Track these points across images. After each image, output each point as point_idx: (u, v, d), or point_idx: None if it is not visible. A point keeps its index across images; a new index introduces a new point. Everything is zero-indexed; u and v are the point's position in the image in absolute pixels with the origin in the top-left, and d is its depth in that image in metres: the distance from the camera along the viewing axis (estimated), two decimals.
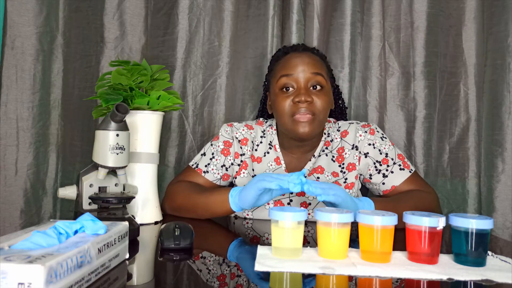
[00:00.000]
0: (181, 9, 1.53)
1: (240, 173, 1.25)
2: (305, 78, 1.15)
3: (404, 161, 1.19)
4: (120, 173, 1.02)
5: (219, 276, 0.71)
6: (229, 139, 1.26)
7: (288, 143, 1.22)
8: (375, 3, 1.52)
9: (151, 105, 1.10)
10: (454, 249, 0.78)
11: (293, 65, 1.16)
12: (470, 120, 1.50)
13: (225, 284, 0.68)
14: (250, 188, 0.98)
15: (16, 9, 1.33)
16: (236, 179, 1.25)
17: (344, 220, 0.76)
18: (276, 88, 1.18)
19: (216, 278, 0.71)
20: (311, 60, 1.17)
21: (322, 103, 1.14)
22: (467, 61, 1.51)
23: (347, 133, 1.23)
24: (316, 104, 1.13)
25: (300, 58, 1.17)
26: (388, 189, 1.17)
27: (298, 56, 1.18)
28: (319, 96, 1.14)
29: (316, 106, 1.13)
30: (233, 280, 0.70)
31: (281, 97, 1.16)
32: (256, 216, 1.20)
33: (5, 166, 1.32)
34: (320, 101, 1.14)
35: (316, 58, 1.20)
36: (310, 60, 1.17)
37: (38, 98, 1.36)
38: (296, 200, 1.17)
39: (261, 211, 1.19)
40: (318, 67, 1.17)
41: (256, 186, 0.97)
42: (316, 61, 1.18)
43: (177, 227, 0.86)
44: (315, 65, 1.17)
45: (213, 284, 0.68)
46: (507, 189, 1.37)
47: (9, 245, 0.58)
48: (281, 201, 1.19)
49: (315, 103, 1.13)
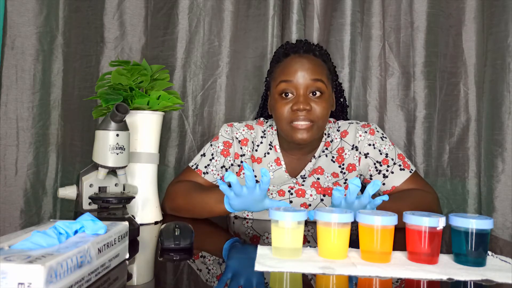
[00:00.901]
0: (181, 9, 1.53)
1: (240, 174, 1.25)
2: (304, 85, 1.13)
3: (405, 161, 1.19)
4: (120, 173, 1.02)
5: (219, 276, 0.71)
6: (228, 139, 1.26)
7: (288, 145, 1.23)
8: (375, 3, 1.52)
9: (151, 105, 1.10)
10: (454, 249, 0.78)
11: (293, 70, 1.15)
12: (470, 120, 1.50)
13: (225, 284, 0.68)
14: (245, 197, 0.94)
15: (16, 9, 1.33)
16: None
17: (344, 220, 0.76)
18: (275, 92, 1.17)
19: (216, 278, 0.71)
20: (311, 65, 1.15)
21: (321, 110, 1.13)
22: (467, 61, 1.51)
23: (347, 133, 1.23)
24: (315, 111, 1.13)
25: (300, 63, 1.15)
26: (389, 189, 1.17)
27: (298, 61, 1.16)
28: (318, 103, 1.13)
29: (315, 113, 1.12)
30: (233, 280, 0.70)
31: (280, 103, 1.15)
32: (256, 216, 1.20)
33: (5, 166, 1.32)
34: (319, 108, 1.13)
35: (317, 61, 1.18)
36: (310, 66, 1.15)
37: (38, 98, 1.36)
38: (296, 201, 1.17)
39: (261, 213, 1.19)
40: (318, 73, 1.15)
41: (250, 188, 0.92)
42: (317, 66, 1.16)
43: (177, 227, 0.86)
44: (315, 71, 1.15)
45: (213, 284, 0.68)
46: (507, 189, 1.37)
47: (9, 245, 0.58)
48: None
49: (314, 111, 1.12)
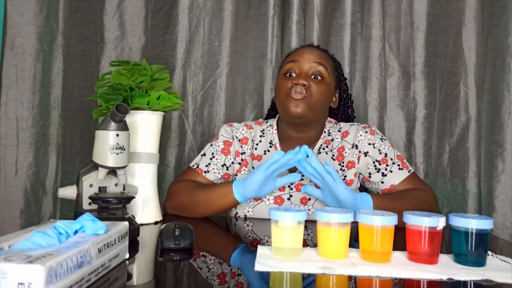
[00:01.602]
0: (181, 9, 1.53)
1: (240, 170, 1.26)
2: (308, 65, 1.20)
3: (403, 161, 1.20)
4: (120, 173, 1.02)
5: (219, 276, 0.71)
6: (229, 138, 1.27)
7: (288, 140, 1.25)
8: (375, 3, 1.52)
9: (151, 105, 1.10)
10: (454, 249, 0.78)
11: (300, 53, 1.23)
12: (470, 120, 1.50)
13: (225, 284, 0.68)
14: (256, 171, 1.03)
15: (16, 9, 1.33)
16: (237, 176, 1.26)
17: (344, 220, 0.76)
18: (281, 73, 1.24)
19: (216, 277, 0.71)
20: (318, 53, 1.23)
21: (318, 91, 1.18)
22: (467, 61, 1.51)
23: (348, 134, 1.25)
24: (312, 89, 1.17)
25: (308, 49, 1.25)
26: (387, 188, 1.18)
27: (307, 48, 1.27)
28: (318, 85, 1.18)
29: (311, 91, 1.17)
30: (233, 280, 0.70)
31: (283, 80, 1.22)
32: (256, 215, 1.20)
33: (5, 166, 1.32)
34: (317, 88, 1.18)
35: (324, 54, 1.26)
36: (317, 53, 1.23)
37: (38, 98, 1.36)
38: (296, 196, 1.18)
39: (261, 210, 1.19)
40: (323, 59, 1.22)
41: (262, 166, 1.02)
42: (323, 56, 1.24)
43: (177, 227, 0.86)
44: (320, 57, 1.22)
45: (213, 284, 0.68)
46: (507, 189, 1.37)
47: (9, 245, 0.58)
48: (281, 196, 1.19)
49: (311, 88, 1.17)
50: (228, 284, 0.68)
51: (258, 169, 1.03)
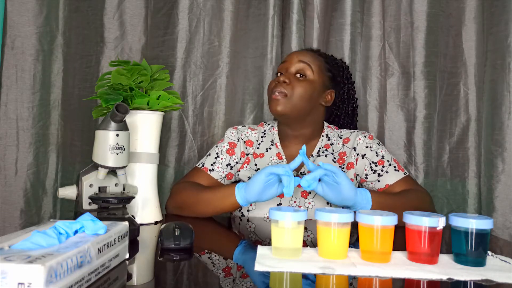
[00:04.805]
0: (181, 9, 1.53)
1: (243, 167, 1.27)
2: (292, 65, 1.23)
3: (399, 165, 1.22)
4: (120, 173, 1.02)
5: (219, 276, 0.71)
6: (234, 140, 1.29)
7: (286, 139, 1.27)
8: (375, 3, 1.52)
9: (151, 105, 1.10)
10: (454, 249, 0.78)
11: (290, 55, 1.28)
12: (470, 120, 1.50)
13: (225, 284, 0.68)
14: (257, 175, 1.03)
15: (16, 9, 1.33)
16: (240, 172, 1.27)
17: (344, 220, 0.76)
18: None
19: (216, 277, 0.71)
20: (306, 53, 1.26)
21: (299, 89, 1.19)
22: (467, 61, 1.51)
23: (349, 140, 1.27)
24: (293, 87, 1.19)
25: (299, 50, 1.29)
26: (382, 187, 1.19)
27: (299, 50, 1.30)
28: (300, 83, 1.20)
29: (291, 89, 1.19)
30: (233, 280, 0.70)
31: (271, 80, 1.26)
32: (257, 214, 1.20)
33: (5, 166, 1.32)
34: (299, 86, 1.20)
35: (312, 54, 1.27)
36: (305, 53, 1.26)
37: (38, 98, 1.36)
38: (296, 189, 1.19)
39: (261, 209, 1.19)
40: (308, 58, 1.23)
41: (263, 171, 1.02)
42: (310, 55, 1.25)
43: (177, 227, 0.86)
44: (306, 56, 1.24)
45: (213, 284, 0.68)
46: (507, 189, 1.37)
47: (9, 245, 0.58)
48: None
49: (292, 86, 1.20)
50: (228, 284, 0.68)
51: (259, 172, 1.03)
